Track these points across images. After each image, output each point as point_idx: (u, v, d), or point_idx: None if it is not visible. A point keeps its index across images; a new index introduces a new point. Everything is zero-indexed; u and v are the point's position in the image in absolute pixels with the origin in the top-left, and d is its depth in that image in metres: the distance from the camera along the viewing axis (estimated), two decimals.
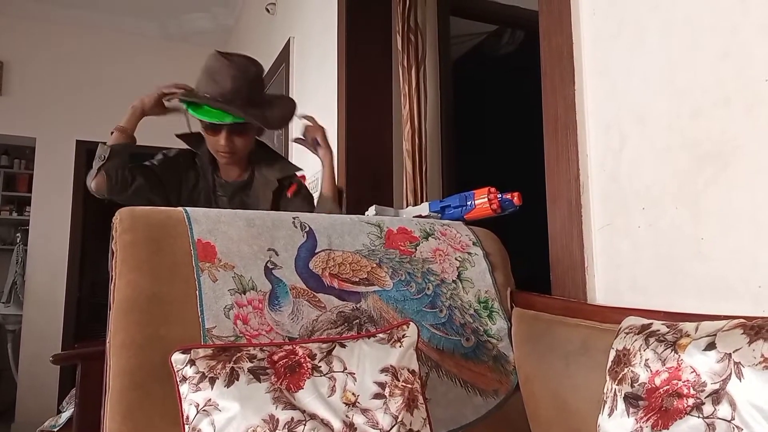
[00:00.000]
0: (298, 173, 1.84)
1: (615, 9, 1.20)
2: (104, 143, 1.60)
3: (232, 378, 0.88)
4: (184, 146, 1.74)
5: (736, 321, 0.75)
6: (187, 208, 1.17)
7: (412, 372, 0.97)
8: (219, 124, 1.57)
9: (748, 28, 0.93)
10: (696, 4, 1.03)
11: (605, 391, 0.87)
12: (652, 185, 1.10)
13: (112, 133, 1.61)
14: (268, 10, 3.69)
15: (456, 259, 1.32)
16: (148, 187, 1.62)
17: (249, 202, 1.71)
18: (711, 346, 0.74)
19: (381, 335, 1.01)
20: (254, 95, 1.61)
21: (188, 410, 0.86)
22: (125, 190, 1.58)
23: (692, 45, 1.03)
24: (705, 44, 1.01)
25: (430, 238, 1.33)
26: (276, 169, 1.75)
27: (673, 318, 0.89)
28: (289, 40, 3.32)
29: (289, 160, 1.98)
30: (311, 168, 2.36)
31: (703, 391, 0.73)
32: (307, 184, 2.14)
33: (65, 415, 2.23)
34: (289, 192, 1.72)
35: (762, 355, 0.69)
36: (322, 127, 1.82)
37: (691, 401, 0.73)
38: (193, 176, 1.70)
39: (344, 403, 0.89)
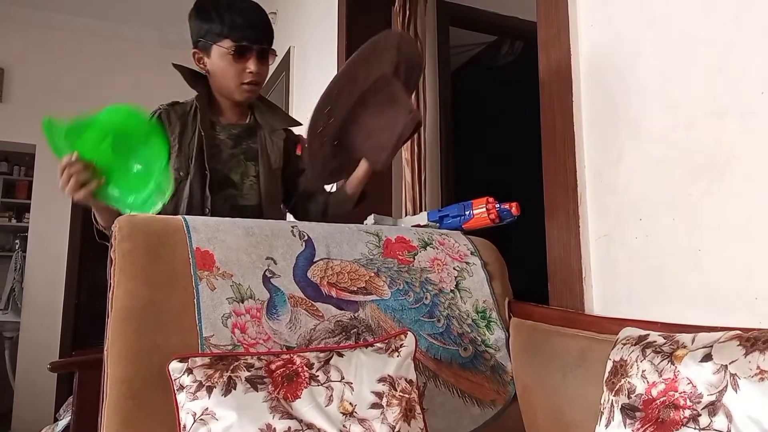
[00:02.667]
0: (298, 131, 1.69)
1: (612, 22, 1.21)
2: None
3: (229, 387, 0.88)
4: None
5: (732, 333, 0.76)
6: (186, 217, 1.17)
7: (410, 382, 0.97)
8: (247, 45, 1.47)
9: (742, 42, 0.94)
10: (691, 19, 1.04)
11: (602, 402, 0.87)
12: (649, 196, 1.10)
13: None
14: None
15: (454, 268, 1.32)
16: None
17: (256, 148, 1.57)
18: (707, 358, 0.74)
19: (379, 345, 1.01)
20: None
21: (185, 419, 0.86)
22: None
23: (687, 58, 1.04)
24: (700, 57, 1.01)
25: (428, 247, 1.33)
26: (279, 118, 1.64)
27: (669, 329, 0.90)
28: (289, 49, 3.34)
29: None
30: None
31: (699, 402, 0.73)
32: None
33: (62, 424, 2.22)
34: (298, 149, 1.62)
35: (758, 367, 0.69)
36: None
37: (687, 413, 0.73)
38: (179, 125, 1.51)
39: (341, 412, 0.89)
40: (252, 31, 1.48)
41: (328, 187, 1.66)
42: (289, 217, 1.72)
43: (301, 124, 1.68)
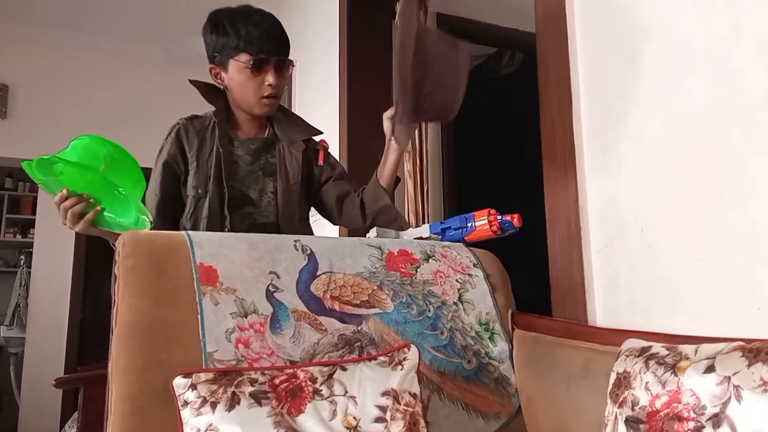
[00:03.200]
0: (320, 137, 1.68)
1: (611, 34, 1.22)
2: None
3: (233, 402, 0.88)
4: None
5: (735, 344, 0.76)
6: (189, 232, 1.18)
7: (414, 395, 0.97)
8: (265, 58, 1.46)
9: (741, 54, 0.95)
10: (690, 31, 1.04)
11: (606, 414, 0.87)
12: (650, 207, 1.11)
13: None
14: None
15: (457, 280, 1.32)
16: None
17: (275, 163, 1.56)
18: (710, 369, 0.74)
19: (382, 358, 1.01)
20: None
21: None
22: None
23: (686, 69, 1.04)
24: (699, 68, 1.02)
25: (430, 260, 1.34)
26: (298, 129, 1.61)
27: (672, 340, 0.90)
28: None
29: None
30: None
31: (703, 414, 0.73)
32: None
33: None
34: (320, 159, 1.61)
35: (761, 378, 0.69)
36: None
37: (691, 424, 0.73)
38: (197, 141, 1.51)
39: (345, 427, 0.90)
40: (269, 43, 1.47)
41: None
42: (326, 230, 1.71)
43: (321, 132, 1.67)
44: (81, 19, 4.59)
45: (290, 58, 1.55)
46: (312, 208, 1.69)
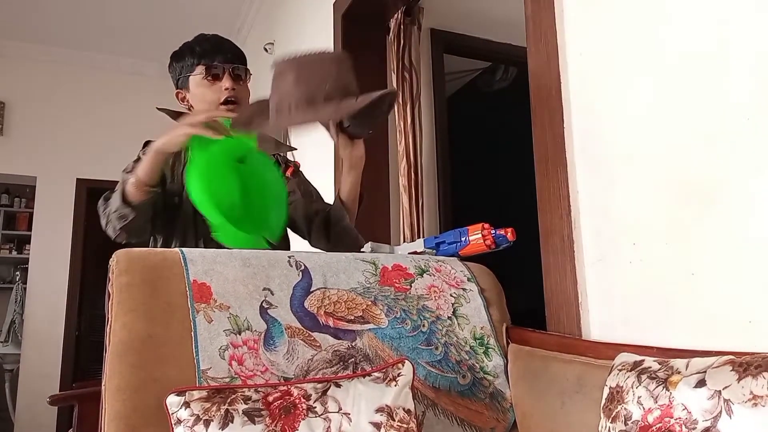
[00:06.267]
0: (294, 158, 1.71)
1: (602, 50, 1.23)
2: (113, 189, 1.43)
3: (226, 420, 0.88)
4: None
5: (725, 358, 0.76)
6: (183, 249, 1.18)
7: (408, 411, 0.97)
8: (217, 65, 1.53)
9: (728, 69, 0.96)
10: (680, 47, 1.06)
11: (600, 428, 0.87)
12: (642, 221, 1.11)
13: (125, 176, 1.41)
14: (266, 50, 3.76)
15: (451, 295, 1.33)
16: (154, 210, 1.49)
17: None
18: (701, 383, 0.75)
19: (376, 374, 1.01)
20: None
21: None
22: (144, 234, 1.52)
23: (677, 85, 1.06)
24: (689, 85, 1.03)
25: (425, 274, 1.34)
26: (270, 145, 1.61)
27: (665, 354, 0.90)
28: None
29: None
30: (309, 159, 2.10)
31: (694, 428, 0.73)
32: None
33: None
34: (288, 172, 1.63)
35: (751, 392, 0.69)
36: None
37: None
38: (171, 159, 1.52)
39: None
40: (221, 54, 1.55)
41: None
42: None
43: (293, 149, 1.70)
44: (77, 35, 4.62)
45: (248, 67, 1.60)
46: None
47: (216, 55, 1.55)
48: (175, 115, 1.58)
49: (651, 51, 1.11)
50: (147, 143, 1.51)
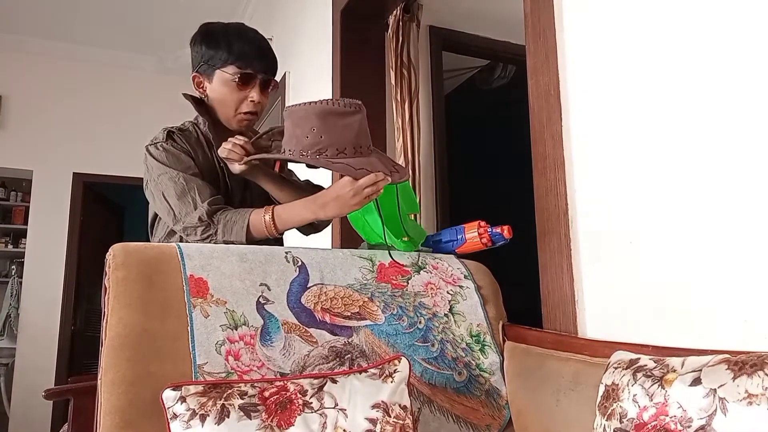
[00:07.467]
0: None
1: (600, 49, 1.23)
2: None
3: (222, 415, 0.88)
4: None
5: (720, 356, 0.76)
6: (180, 244, 1.18)
7: (404, 408, 0.97)
8: (252, 73, 1.46)
9: (730, 69, 0.97)
10: (673, 45, 1.06)
11: (595, 426, 0.88)
12: (638, 220, 1.11)
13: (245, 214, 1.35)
14: None
15: (448, 292, 1.33)
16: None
17: (252, 185, 1.54)
18: (696, 382, 0.75)
19: (372, 370, 1.01)
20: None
21: None
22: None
23: (675, 84, 1.06)
24: (686, 83, 1.04)
25: (422, 271, 1.34)
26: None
27: (661, 352, 0.90)
28: (285, 74, 3.37)
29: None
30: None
31: (689, 426, 0.73)
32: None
33: None
34: (276, 167, 1.59)
35: (746, 391, 0.70)
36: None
37: None
38: (195, 152, 1.49)
39: None
40: (259, 61, 1.48)
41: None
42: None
43: (289, 157, 1.68)
44: (74, 29, 4.60)
45: (284, 70, 1.56)
46: None
47: (254, 61, 1.47)
48: (198, 104, 1.54)
49: (650, 49, 1.11)
50: (170, 133, 1.48)
